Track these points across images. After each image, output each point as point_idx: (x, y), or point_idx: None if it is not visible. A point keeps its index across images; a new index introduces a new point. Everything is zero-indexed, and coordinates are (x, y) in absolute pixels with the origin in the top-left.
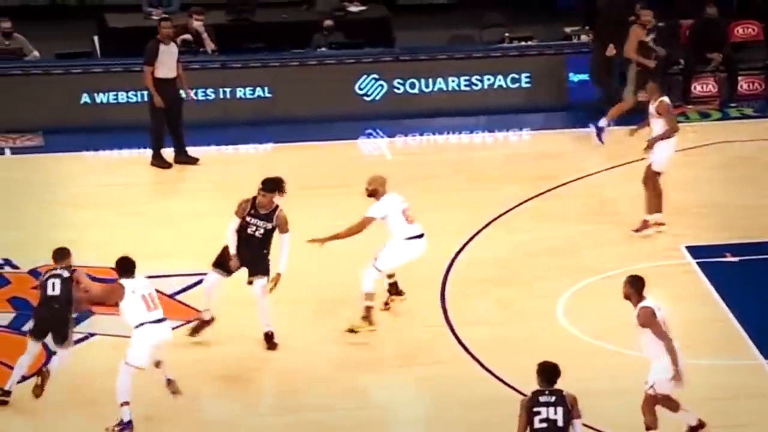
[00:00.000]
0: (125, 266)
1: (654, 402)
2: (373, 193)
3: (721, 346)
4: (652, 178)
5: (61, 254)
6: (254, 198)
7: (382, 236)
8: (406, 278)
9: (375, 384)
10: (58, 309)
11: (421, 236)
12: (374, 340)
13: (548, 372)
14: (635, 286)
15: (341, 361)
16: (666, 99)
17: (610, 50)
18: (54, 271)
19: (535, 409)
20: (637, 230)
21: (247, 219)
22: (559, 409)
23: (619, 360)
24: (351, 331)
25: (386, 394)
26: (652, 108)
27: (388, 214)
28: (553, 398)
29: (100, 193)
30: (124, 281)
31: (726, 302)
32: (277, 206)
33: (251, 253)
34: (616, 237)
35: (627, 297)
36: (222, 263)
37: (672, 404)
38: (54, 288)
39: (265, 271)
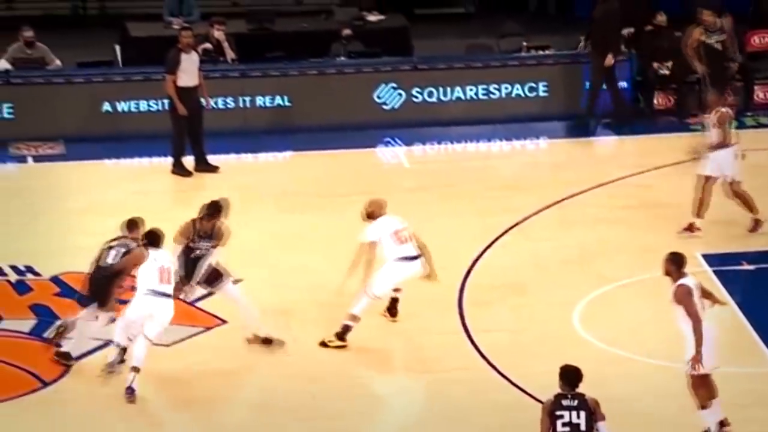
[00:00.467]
0: (152, 238)
1: (700, 381)
2: (370, 216)
3: (736, 354)
4: (734, 187)
5: (134, 224)
6: (194, 221)
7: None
8: (424, 284)
9: (390, 390)
10: (105, 278)
11: (414, 258)
12: (391, 345)
13: (571, 375)
14: (676, 263)
15: (356, 366)
16: (725, 110)
17: (609, 60)
18: (121, 240)
19: (558, 413)
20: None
21: (191, 244)
22: (582, 413)
23: (633, 366)
24: (323, 344)
25: (402, 400)
26: (712, 117)
27: (379, 237)
28: (576, 402)
29: (121, 201)
30: (150, 250)
31: (742, 310)
32: (218, 222)
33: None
34: (632, 245)
35: (667, 273)
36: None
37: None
38: (115, 257)
39: (224, 275)
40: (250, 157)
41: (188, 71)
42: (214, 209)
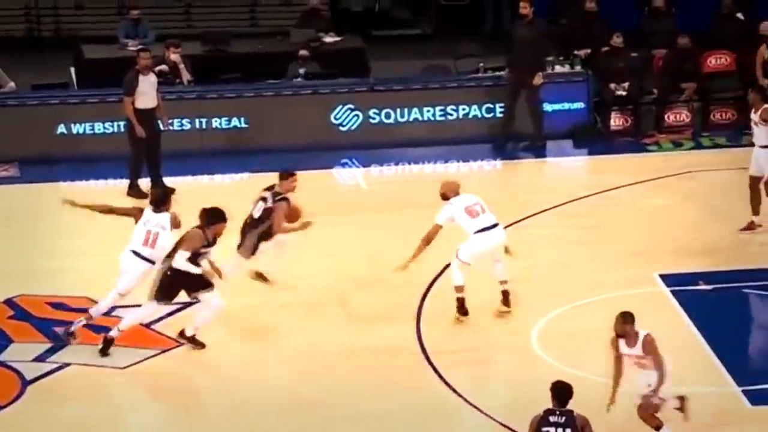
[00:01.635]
0: (155, 198)
1: (654, 408)
2: (443, 197)
3: (695, 375)
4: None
5: (284, 176)
6: (203, 230)
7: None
8: (384, 304)
9: (346, 412)
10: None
11: (492, 227)
12: (345, 368)
13: (561, 392)
14: (628, 321)
15: (314, 388)
16: None
17: (538, 79)
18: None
19: (544, 429)
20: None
21: (202, 251)
22: (568, 431)
23: (591, 386)
24: (458, 320)
25: (357, 423)
26: (755, 116)
27: (453, 216)
28: (563, 419)
29: (76, 224)
30: (147, 209)
31: (700, 330)
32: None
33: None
34: (590, 265)
35: (623, 334)
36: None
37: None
38: (258, 210)
39: (208, 284)
40: (206, 179)
41: (146, 93)
42: (218, 217)
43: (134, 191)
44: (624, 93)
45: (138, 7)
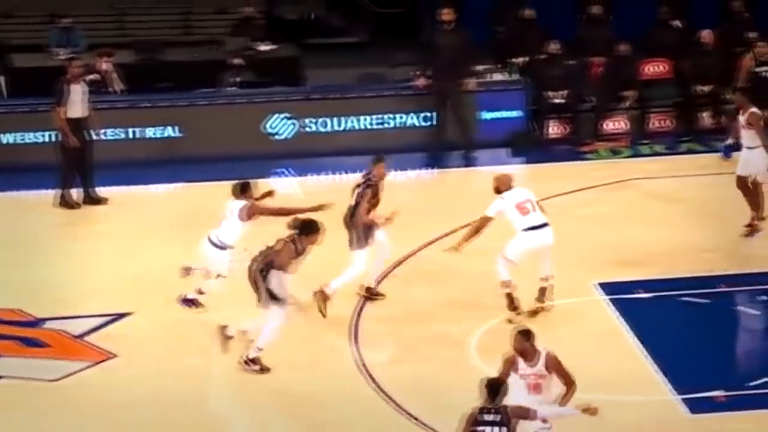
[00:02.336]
0: (239, 186)
1: None
2: (496, 190)
3: (633, 383)
4: (752, 186)
5: (377, 160)
6: (294, 241)
7: None
8: (317, 318)
9: (287, 425)
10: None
11: (540, 227)
12: (283, 382)
13: (494, 388)
14: (530, 337)
15: (252, 402)
16: (756, 110)
17: (473, 84)
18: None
19: (477, 429)
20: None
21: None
22: (503, 429)
23: None
24: (509, 321)
25: None
26: (741, 119)
27: (503, 210)
28: (498, 417)
29: (8, 234)
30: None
31: (638, 338)
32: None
33: None
34: (528, 274)
35: (523, 352)
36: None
37: None
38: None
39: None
40: (139, 189)
41: (76, 103)
42: (312, 228)
43: (65, 201)
44: (561, 101)
45: (69, 15)
